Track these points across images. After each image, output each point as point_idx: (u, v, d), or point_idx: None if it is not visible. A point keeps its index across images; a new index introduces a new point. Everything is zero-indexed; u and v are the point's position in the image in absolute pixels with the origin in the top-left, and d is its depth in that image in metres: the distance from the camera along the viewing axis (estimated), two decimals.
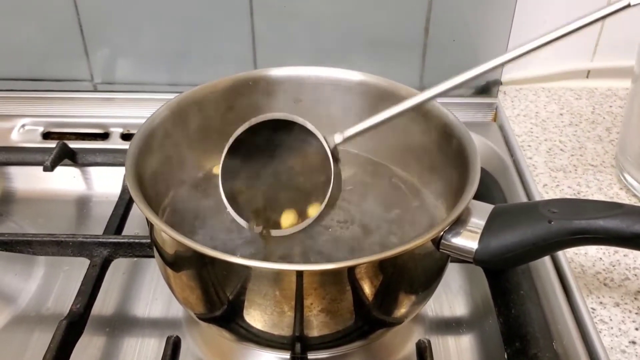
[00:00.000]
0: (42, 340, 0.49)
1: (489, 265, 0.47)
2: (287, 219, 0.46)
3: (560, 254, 0.51)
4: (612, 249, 0.52)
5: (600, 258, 0.52)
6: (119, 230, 0.57)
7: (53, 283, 0.55)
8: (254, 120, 0.45)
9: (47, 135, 0.71)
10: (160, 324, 0.52)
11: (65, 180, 0.67)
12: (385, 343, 0.50)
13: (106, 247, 0.53)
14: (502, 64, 0.43)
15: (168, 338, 0.47)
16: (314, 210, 0.46)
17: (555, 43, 0.41)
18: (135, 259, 0.56)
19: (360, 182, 0.54)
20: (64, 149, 0.64)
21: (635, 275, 0.50)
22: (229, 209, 0.46)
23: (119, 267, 0.56)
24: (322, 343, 0.43)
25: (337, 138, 0.45)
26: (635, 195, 0.58)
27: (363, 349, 0.49)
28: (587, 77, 0.76)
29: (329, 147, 0.45)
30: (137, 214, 0.59)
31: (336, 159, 0.45)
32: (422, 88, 0.71)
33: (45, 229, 0.60)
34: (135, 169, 0.45)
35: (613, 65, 0.74)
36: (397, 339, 0.51)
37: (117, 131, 0.71)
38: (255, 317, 0.42)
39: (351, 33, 0.68)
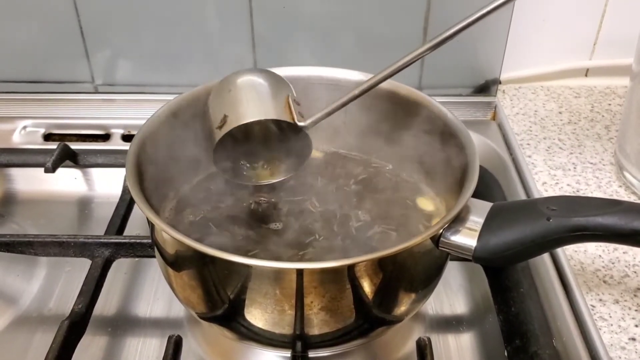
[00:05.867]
0: (44, 340, 0.50)
1: (488, 262, 0.47)
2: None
3: (560, 251, 0.52)
4: (611, 246, 0.53)
5: (600, 255, 0.52)
6: (120, 230, 0.57)
7: (55, 283, 0.56)
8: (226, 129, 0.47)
9: (48, 137, 0.71)
10: (162, 323, 0.53)
11: (67, 181, 0.67)
12: (386, 341, 0.50)
13: (108, 247, 0.54)
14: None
15: (169, 337, 0.47)
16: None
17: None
18: (137, 259, 0.56)
19: (360, 181, 0.54)
20: (65, 151, 0.64)
21: (635, 272, 0.50)
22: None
23: (120, 268, 0.56)
24: (323, 341, 0.44)
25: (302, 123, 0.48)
26: (634, 193, 0.58)
27: (363, 347, 0.49)
28: (586, 75, 0.76)
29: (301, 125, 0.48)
30: (138, 215, 0.59)
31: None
32: (421, 88, 0.72)
33: (47, 230, 0.61)
34: (136, 170, 0.45)
35: (612, 64, 0.74)
36: (398, 336, 0.51)
37: (117, 132, 0.71)
38: (256, 316, 0.42)
39: (350, 33, 0.68)
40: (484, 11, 0.42)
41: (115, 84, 0.73)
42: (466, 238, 0.42)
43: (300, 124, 0.47)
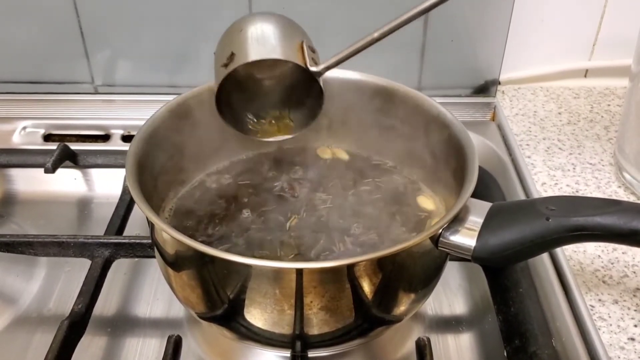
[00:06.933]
0: (43, 340, 0.50)
1: (487, 262, 0.47)
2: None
3: (559, 251, 0.52)
4: (610, 246, 0.53)
5: (599, 255, 0.52)
6: (120, 231, 0.57)
7: (54, 284, 0.56)
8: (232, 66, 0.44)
9: (48, 137, 0.71)
10: (162, 323, 0.53)
11: (67, 181, 0.67)
12: (385, 341, 0.50)
13: (107, 247, 0.54)
14: None
15: (169, 337, 0.47)
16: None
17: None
18: (136, 259, 0.56)
19: (360, 181, 0.54)
20: (65, 151, 0.64)
21: (634, 272, 0.50)
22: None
23: (120, 268, 0.56)
24: (322, 341, 0.44)
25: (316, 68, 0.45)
26: (633, 193, 0.58)
27: (363, 346, 0.49)
28: (585, 76, 0.76)
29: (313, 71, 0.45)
30: (137, 215, 0.59)
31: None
32: (420, 88, 0.72)
33: (47, 230, 0.61)
34: (135, 170, 0.45)
35: (611, 64, 0.74)
36: (397, 336, 0.51)
37: (117, 133, 0.71)
38: (256, 316, 0.42)
39: (350, 33, 0.68)
40: None
41: (115, 85, 0.73)
42: (465, 238, 0.42)
43: (312, 68, 0.44)
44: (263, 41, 0.45)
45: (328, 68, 0.44)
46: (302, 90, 0.46)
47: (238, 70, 0.44)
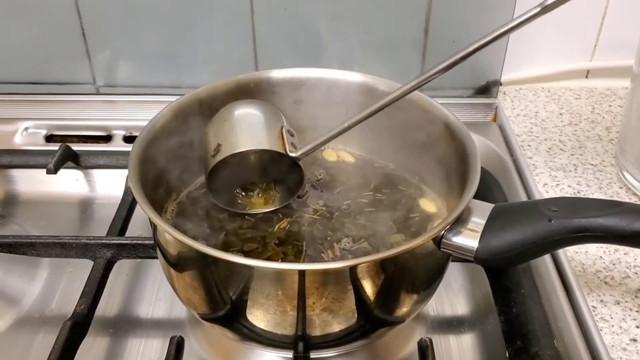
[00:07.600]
0: (46, 341, 0.50)
1: (489, 264, 0.47)
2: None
3: (561, 252, 0.52)
4: (612, 247, 0.53)
5: (601, 256, 0.52)
6: (122, 231, 0.57)
7: (57, 284, 0.56)
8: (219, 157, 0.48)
9: (50, 138, 0.71)
10: (164, 324, 0.53)
11: (68, 182, 0.67)
12: (387, 342, 0.50)
13: (109, 248, 0.54)
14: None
15: (171, 338, 0.47)
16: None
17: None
18: (139, 260, 0.56)
19: (362, 183, 0.54)
20: (67, 152, 0.64)
21: (636, 273, 0.50)
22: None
23: (122, 269, 0.56)
24: (325, 342, 0.44)
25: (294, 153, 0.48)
26: (635, 194, 0.58)
27: (365, 347, 0.49)
28: (587, 76, 0.76)
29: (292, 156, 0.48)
30: (140, 216, 0.59)
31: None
32: (421, 89, 0.72)
33: (49, 231, 0.61)
34: (138, 171, 0.45)
35: (612, 65, 0.74)
36: (399, 338, 0.51)
37: (119, 133, 0.71)
38: (258, 317, 0.42)
39: (351, 35, 0.68)
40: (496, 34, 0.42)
41: (117, 85, 0.73)
42: (468, 239, 0.42)
43: (292, 154, 0.48)
44: (247, 132, 0.49)
45: (306, 154, 0.48)
46: (285, 167, 0.49)
47: None
